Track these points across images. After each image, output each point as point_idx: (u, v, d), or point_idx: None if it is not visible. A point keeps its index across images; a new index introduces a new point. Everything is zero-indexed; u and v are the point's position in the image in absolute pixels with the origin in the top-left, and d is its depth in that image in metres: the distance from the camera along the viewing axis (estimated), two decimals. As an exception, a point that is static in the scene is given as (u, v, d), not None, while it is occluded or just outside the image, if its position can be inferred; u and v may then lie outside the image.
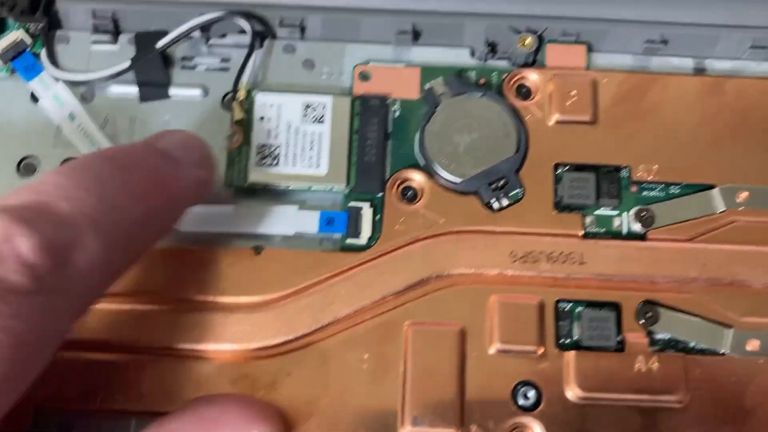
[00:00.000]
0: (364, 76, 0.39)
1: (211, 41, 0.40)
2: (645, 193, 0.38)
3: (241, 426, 0.31)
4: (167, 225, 0.33)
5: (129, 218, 0.29)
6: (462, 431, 0.34)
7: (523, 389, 0.35)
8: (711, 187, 0.38)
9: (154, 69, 0.39)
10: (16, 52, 0.39)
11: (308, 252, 0.36)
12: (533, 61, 0.40)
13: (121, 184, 0.30)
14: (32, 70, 0.39)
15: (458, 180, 0.37)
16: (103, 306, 0.35)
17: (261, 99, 0.38)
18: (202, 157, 0.34)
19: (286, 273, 0.36)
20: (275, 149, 0.38)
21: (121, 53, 0.40)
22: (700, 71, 0.41)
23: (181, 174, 0.32)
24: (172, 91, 0.39)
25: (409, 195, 0.37)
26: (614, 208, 0.37)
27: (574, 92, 0.38)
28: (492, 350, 0.35)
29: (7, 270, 0.25)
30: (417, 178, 0.38)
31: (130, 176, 0.30)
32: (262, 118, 0.38)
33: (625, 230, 0.37)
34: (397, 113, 0.39)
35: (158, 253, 0.35)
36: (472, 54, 0.41)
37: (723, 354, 0.36)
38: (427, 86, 0.39)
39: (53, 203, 0.27)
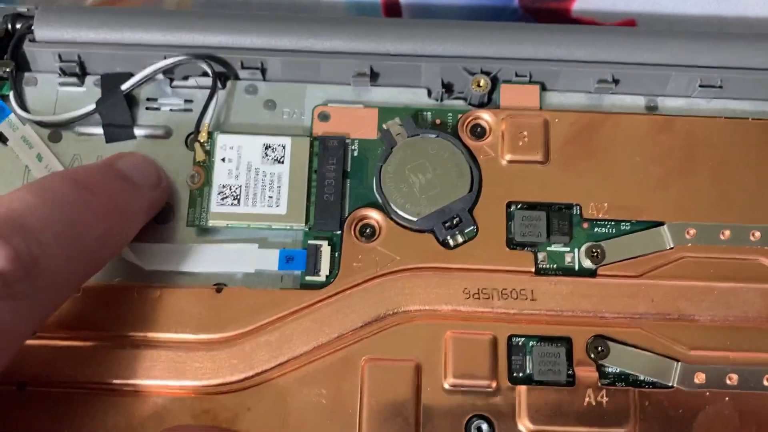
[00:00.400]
0: (324, 117, 0.40)
1: (175, 83, 0.41)
2: (596, 230, 0.39)
3: None
4: (123, 241, 0.35)
5: (90, 235, 0.32)
6: (417, 465, 0.35)
7: (476, 422, 0.36)
8: (660, 224, 0.39)
9: (119, 110, 0.40)
10: (-16, 97, 0.40)
11: (268, 290, 0.37)
12: (488, 100, 0.41)
13: (83, 204, 0.32)
14: (1, 113, 0.40)
15: (414, 218, 0.38)
16: (66, 343, 0.36)
17: (222, 140, 0.39)
18: (156, 180, 0.37)
19: (247, 311, 0.37)
20: (236, 189, 0.39)
21: (87, 94, 0.41)
22: (652, 109, 0.42)
23: (137, 196, 0.35)
24: (137, 131, 0.40)
25: (367, 233, 0.38)
26: (566, 245, 0.38)
27: (525, 133, 0.40)
28: (446, 385, 0.36)
29: None
30: (375, 216, 0.39)
31: (92, 197, 0.33)
32: (223, 159, 0.39)
33: (576, 266, 0.38)
34: (356, 153, 0.40)
35: (121, 290, 0.37)
36: (429, 94, 0.42)
37: (671, 387, 0.37)
38: (384, 126, 0.40)
39: (22, 218, 0.30)
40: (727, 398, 0.36)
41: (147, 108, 0.41)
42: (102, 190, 0.34)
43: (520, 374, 0.37)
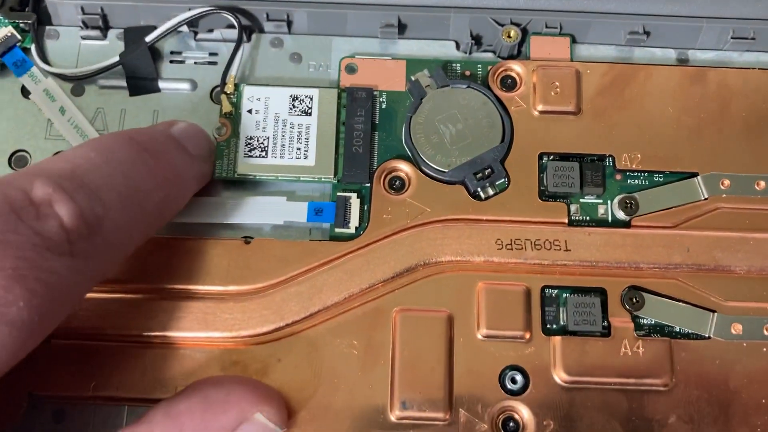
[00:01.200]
0: (351, 69, 0.40)
1: (199, 36, 0.41)
2: (629, 181, 0.38)
3: (247, 407, 0.31)
4: (176, 209, 0.35)
5: (150, 201, 0.32)
6: (450, 415, 0.34)
7: (510, 374, 0.35)
8: (694, 175, 0.38)
9: (143, 63, 0.40)
10: (6, 48, 0.39)
11: (297, 242, 0.37)
12: (518, 53, 0.41)
13: (146, 169, 0.32)
14: (23, 66, 0.40)
15: (444, 170, 0.37)
16: (95, 295, 0.35)
17: (249, 92, 0.39)
18: (208, 152, 0.37)
19: (276, 262, 0.36)
20: (263, 141, 0.38)
21: (110, 48, 0.41)
22: (683, 62, 0.41)
23: (191, 165, 0.35)
24: (162, 84, 0.40)
25: (397, 185, 0.38)
26: (598, 197, 0.38)
27: (557, 83, 0.39)
28: (479, 336, 0.36)
29: (49, 231, 0.27)
30: (404, 168, 0.38)
31: (153, 162, 0.33)
32: (250, 111, 0.39)
33: (609, 218, 0.38)
34: (384, 105, 0.39)
35: (150, 243, 0.36)
36: (458, 47, 0.41)
37: (708, 338, 0.36)
38: (412, 78, 0.39)
39: (87, 176, 0.30)
40: (765, 348, 0.36)
41: (171, 61, 0.41)
42: (162, 157, 0.33)
43: (554, 326, 0.36)
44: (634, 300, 0.36)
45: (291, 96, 0.39)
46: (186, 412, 0.31)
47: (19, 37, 0.40)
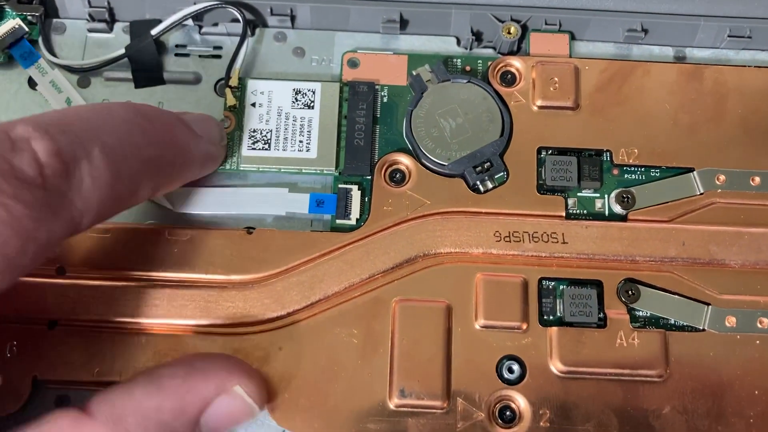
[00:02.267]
0: (353, 63, 0.40)
1: (204, 30, 0.41)
2: (626, 176, 0.39)
3: (228, 378, 0.32)
4: (171, 180, 0.35)
5: (138, 156, 0.32)
6: (448, 404, 0.35)
7: (507, 363, 0.36)
8: (690, 170, 0.39)
9: (148, 55, 0.40)
10: (13, 40, 0.40)
11: (299, 232, 0.37)
12: (517, 49, 0.41)
13: (137, 126, 0.32)
14: (30, 57, 0.40)
15: (444, 163, 0.38)
16: (98, 282, 0.36)
17: (252, 85, 0.40)
18: (218, 136, 0.37)
19: (278, 252, 0.37)
20: (266, 134, 0.39)
21: (116, 41, 0.41)
22: (680, 60, 0.42)
23: (194, 141, 0.35)
24: (166, 77, 0.40)
25: (397, 177, 0.38)
26: (596, 191, 0.38)
27: (556, 79, 0.40)
28: (477, 326, 0.36)
29: (21, 162, 0.27)
30: (405, 161, 0.39)
31: (148, 124, 0.33)
32: (253, 104, 0.39)
33: (606, 212, 0.38)
34: (385, 99, 0.40)
35: (152, 232, 0.37)
36: (458, 43, 0.42)
37: (702, 330, 0.37)
38: (414, 72, 0.40)
39: (72, 123, 0.30)
40: (758, 341, 0.36)
41: (176, 54, 0.41)
42: (159, 122, 0.34)
43: (551, 317, 0.37)
44: (629, 292, 0.37)
45: (294, 90, 0.39)
46: (168, 375, 0.31)
47: (26, 29, 0.40)
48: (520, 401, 0.35)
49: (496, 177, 0.38)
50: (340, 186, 0.38)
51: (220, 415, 0.31)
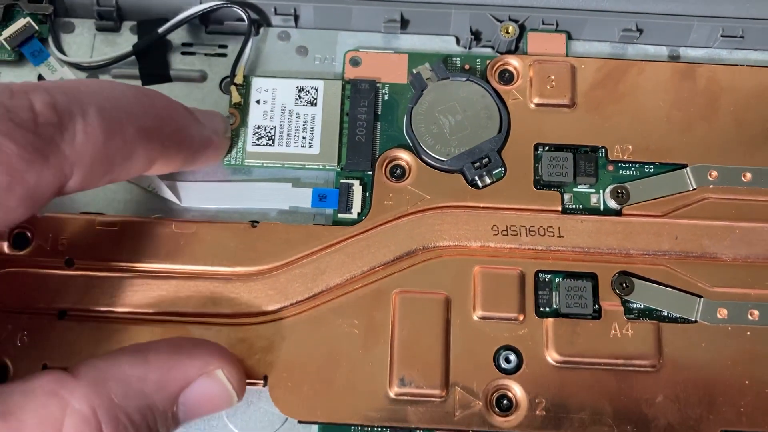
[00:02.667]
0: (355, 62, 0.41)
1: (210, 28, 0.42)
2: (621, 171, 0.40)
3: (211, 361, 0.33)
4: (167, 155, 0.35)
5: (134, 123, 0.32)
6: (447, 392, 0.36)
7: (504, 353, 0.37)
8: (683, 166, 0.40)
9: (155, 54, 0.41)
10: (24, 38, 0.41)
11: (301, 226, 0.38)
12: (515, 48, 0.42)
13: (136, 99, 0.33)
14: (40, 55, 0.41)
15: (444, 159, 0.39)
16: (105, 274, 0.37)
17: (257, 83, 0.41)
18: (220, 127, 0.38)
19: (281, 245, 0.38)
20: (270, 130, 0.40)
21: (123, 40, 0.42)
22: (674, 59, 0.43)
23: (195, 125, 0.36)
24: (173, 75, 0.41)
25: (398, 173, 0.39)
26: (591, 186, 0.39)
27: (553, 77, 0.41)
28: (475, 317, 0.37)
29: (17, 106, 0.29)
30: (405, 156, 0.40)
31: (147, 98, 0.34)
32: (258, 101, 0.40)
33: (601, 206, 0.39)
34: (386, 96, 0.41)
35: (158, 225, 0.38)
36: (458, 42, 0.43)
37: (694, 322, 0.37)
38: (414, 71, 0.41)
39: (73, 87, 0.31)
40: (748, 332, 0.37)
41: (182, 53, 0.42)
42: (159, 99, 0.35)
43: (547, 308, 0.38)
44: (624, 285, 0.38)
45: (297, 87, 0.40)
46: (155, 350, 0.32)
47: (36, 27, 0.41)
48: (517, 390, 0.36)
49: (494, 172, 0.39)
50: (341, 181, 0.39)
51: (198, 395, 0.32)
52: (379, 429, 0.36)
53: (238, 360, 0.35)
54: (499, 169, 0.39)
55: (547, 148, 0.40)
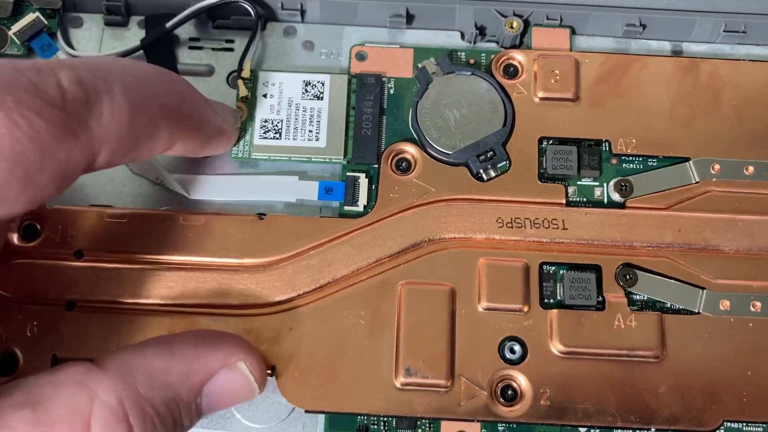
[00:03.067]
0: (361, 56, 0.42)
1: (217, 23, 0.43)
2: (624, 165, 0.40)
3: (234, 353, 0.33)
4: (186, 133, 0.35)
5: (158, 100, 0.33)
6: (452, 383, 0.36)
7: (509, 344, 0.37)
8: (686, 159, 0.40)
9: (162, 49, 0.42)
10: (33, 33, 0.41)
11: (308, 218, 0.39)
12: (520, 43, 0.43)
13: (160, 78, 0.34)
14: (48, 50, 0.42)
15: (449, 152, 0.39)
16: (114, 265, 0.37)
17: (264, 77, 0.41)
18: (231, 118, 0.39)
19: (288, 237, 0.38)
20: (277, 123, 0.40)
21: (131, 34, 0.43)
22: (677, 54, 0.43)
23: (210, 112, 0.37)
24: (180, 69, 0.42)
25: (403, 166, 0.40)
26: (595, 179, 0.40)
27: (557, 72, 0.41)
28: (480, 308, 0.37)
29: (44, 84, 0.29)
30: (410, 150, 0.40)
31: (170, 78, 0.34)
32: (265, 95, 0.41)
33: (605, 199, 0.40)
34: (392, 90, 0.41)
35: (166, 217, 0.38)
36: (463, 37, 0.43)
37: (697, 313, 0.38)
38: (419, 65, 0.41)
39: (99, 64, 0.31)
40: (750, 324, 0.38)
41: (190, 48, 0.43)
42: (181, 81, 0.35)
43: (551, 300, 0.38)
44: (627, 277, 0.38)
45: (304, 81, 0.41)
46: (179, 342, 0.33)
47: (45, 22, 0.42)
48: (522, 380, 0.37)
49: (498, 166, 0.39)
50: (348, 174, 0.40)
51: (221, 387, 0.33)
52: (385, 418, 0.36)
53: (259, 353, 0.35)
54: (504, 162, 0.40)
55: (551, 141, 0.40)
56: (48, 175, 0.29)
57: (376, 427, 0.37)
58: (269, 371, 0.36)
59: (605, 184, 0.40)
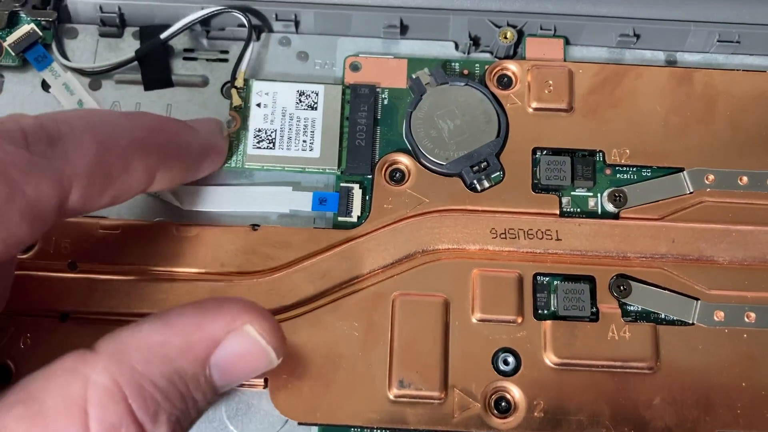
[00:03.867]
0: (355, 67, 0.42)
1: (211, 34, 0.43)
2: (618, 175, 0.40)
3: (237, 317, 0.31)
4: (167, 163, 0.35)
5: (125, 135, 0.33)
6: (445, 394, 0.36)
7: (503, 356, 0.37)
8: (680, 170, 0.40)
9: (157, 59, 0.42)
10: (28, 44, 0.41)
11: (302, 229, 0.39)
12: (513, 53, 0.43)
13: (124, 116, 0.34)
14: (43, 61, 0.42)
15: (443, 163, 0.39)
16: (107, 277, 0.37)
17: (258, 86, 0.41)
18: (215, 129, 0.38)
19: (281, 248, 0.38)
20: (271, 133, 0.40)
21: (126, 45, 0.43)
22: (671, 63, 0.43)
23: (191, 132, 0.36)
24: (175, 79, 0.42)
25: (397, 177, 0.40)
26: (589, 190, 0.40)
27: (551, 82, 0.41)
28: (474, 319, 0.37)
29: (6, 127, 0.30)
30: (404, 160, 0.40)
31: (134, 115, 0.35)
32: (258, 105, 0.41)
33: (599, 210, 0.40)
34: (386, 101, 0.41)
35: (160, 228, 0.38)
36: (457, 47, 0.43)
37: (691, 324, 0.38)
38: (413, 76, 0.41)
39: (62, 113, 0.32)
40: (745, 335, 0.37)
41: (184, 58, 0.43)
42: (148, 115, 0.35)
43: (545, 311, 0.38)
44: (621, 288, 0.38)
45: (298, 91, 0.41)
46: (178, 314, 0.31)
47: (40, 33, 0.42)
48: (515, 392, 0.36)
49: (492, 176, 0.39)
50: (342, 184, 0.39)
51: (230, 355, 0.31)
52: (379, 430, 0.36)
53: (271, 316, 0.32)
54: (498, 173, 0.40)
55: (545, 152, 0.40)
56: (18, 211, 0.29)
57: (369, 438, 0.37)
58: (262, 383, 0.36)
59: (599, 195, 0.40)
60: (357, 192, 0.39)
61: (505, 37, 0.42)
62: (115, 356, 0.29)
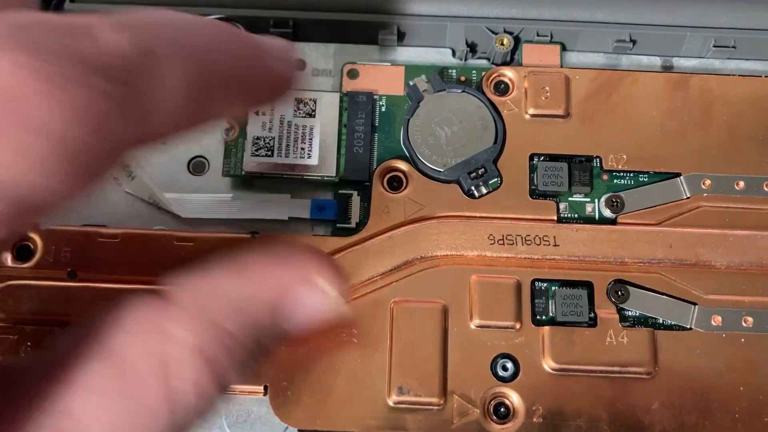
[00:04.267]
0: (352, 74, 0.42)
1: (209, 42, 0.43)
2: (615, 181, 0.40)
3: (309, 267, 0.30)
4: (247, 98, 0.30)
5: (222, 72, 0.28)
6: (444, 400, 0.36)
7: (501, 361, 0.37)
8: (677, 175, 0.40)
9: (155, 68, 0.42)
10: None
11: (300, 236, 0.39)
12: (510, 59, 0.43)
13: (215, 36, 0.28)
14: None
15: (440, 169, 0.40)
16: (108, 285, 0.37)
17: (256, 95, 0.41)
18: (290, 55, 0.31)
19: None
20: (269, 141, 0.40)
21: (124, 54, 0.43)
22: (667, 69, 0.43)
23: (272, 62, 0.30)
24: (173, 88, 0.42)
25: (395, 184, 0.40)
26: (586, 195, 0.40)
27: (548, 88, 0.41)
28: (472, 326, 0.38)
29: (90, 49, 0.24)
30: (402, 167, 0.40)
31: (230, 37, 0.29)
32: (257, 112, 0.41)
33: (596, 215, 0.40)
34: (384, 108, 0.41)
35: (159, 237, 0.38)
36: (453, 54, 0.43)
37: (689, 329, 0.38)
38: (411, 83, 0.41)
39: (145, 21, 0.26)
40: (742, 339, 0.38)
41: (182, 66, 0.43)
42: (244, 39, 0.29)
43: (543, 316, 0.38)
44: (619, 293, 0.38)
45: (296, 99, 0.41)
46: (250, 262, 0.30)
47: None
48: (514, 398, 0.37)
49: (490, 182, 0.40)
50: (340, 192, 0.40)
51: (301, 305, 0.30)
52: (378, 437, 0.37)
53: (337, 264, 0.31)
54: (495, 179, 0.40)
55: (542, 158, 0.40)
56: (100, 154, 0.24)
57: (369, 445, 0.37)
58: (262, 390, 0.36)
59: (596, 200, 0.40)
60: (355, 199, 0.40)
61: (502, 44, 0.42)
62: (194, 309, 0.27)
